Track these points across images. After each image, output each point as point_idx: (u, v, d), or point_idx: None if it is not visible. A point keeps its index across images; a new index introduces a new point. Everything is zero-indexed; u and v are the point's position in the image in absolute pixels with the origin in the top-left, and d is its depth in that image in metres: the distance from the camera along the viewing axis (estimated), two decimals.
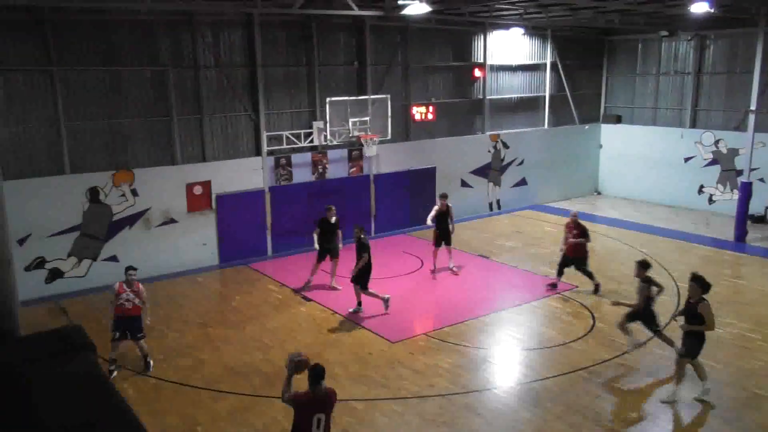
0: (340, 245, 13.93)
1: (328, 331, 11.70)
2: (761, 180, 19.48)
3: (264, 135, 16.14)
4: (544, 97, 22.41)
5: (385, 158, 18.32)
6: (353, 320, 12.15)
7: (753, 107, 17.62)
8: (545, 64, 22.16)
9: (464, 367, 10.22)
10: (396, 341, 11.20)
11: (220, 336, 11.57)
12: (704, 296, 8.94)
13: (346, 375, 9.98)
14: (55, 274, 13.82)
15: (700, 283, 8.93)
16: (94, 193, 14.09)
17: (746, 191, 17.84)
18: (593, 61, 23.70)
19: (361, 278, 12.41)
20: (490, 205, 21.47)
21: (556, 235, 18.31)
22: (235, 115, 15.92)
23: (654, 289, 10.11)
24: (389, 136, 17.67)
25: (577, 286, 13.85)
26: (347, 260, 13.51)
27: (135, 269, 10.38)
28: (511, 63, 21.26)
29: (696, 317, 8.89)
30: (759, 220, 19.40)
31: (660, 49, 22.36)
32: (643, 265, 10.21)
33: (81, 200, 13.96)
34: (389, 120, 17.52)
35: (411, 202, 19.24)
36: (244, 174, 16.06)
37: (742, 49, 20.04)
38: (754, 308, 12.62)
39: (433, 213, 14.88)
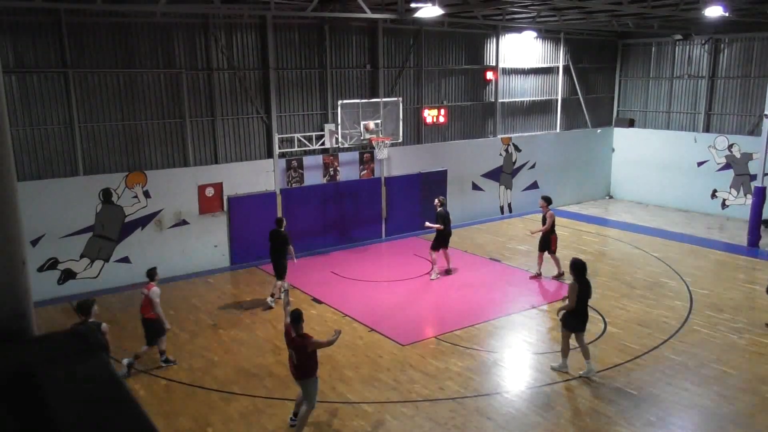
0: (294, 260, 13.20)
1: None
2: None
3: (276, 137, 16.21)
4: (557, 100, 22.34)
5: (396, 161, 18.33)
6: (364, 323, 12.15)
7: (767, 112, 17.46)
8: (558, 68, 22.09)
9: (475, 371, 10.19)
10: (407, 344, 11.19)
11: (232, 338, 11.62)
12: (579, 278, 9.90)
13: (357, 378, 9.98)
14: (68, 275, 13.93)
15: (572, 266, 10.13)
16: (107, 195, 14.20)
17: (760, 196, 17.67)
18: (606, 65, 23.60)
19: (435, 242, 14.52)
20: (502, 208, 21.42)
21: (567, 238, 18.26)
22: (248, 117, 16.00)
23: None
24: (401, 139, 17.68)
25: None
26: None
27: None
28: (524, 66, 21.21)
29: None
30: None
31: (674, 53, 22.23)
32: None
33: (94, 202, 14.08)
34: (401, 123, 17.54)
35: (422, 205, 19.22)
36: (256, 176, 16.13)
37: (757, 53, 19.89)
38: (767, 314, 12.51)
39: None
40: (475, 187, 20.52)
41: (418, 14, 14.91)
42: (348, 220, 17.72)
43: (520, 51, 20.99)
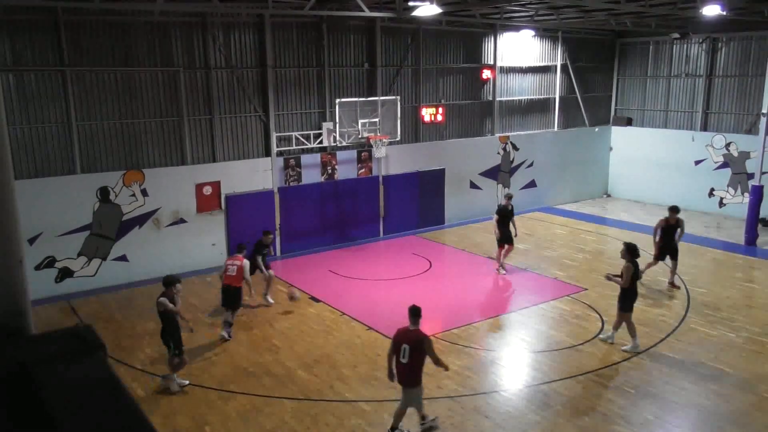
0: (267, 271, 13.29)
1: (337, 333, 11.70)
2: None
3: (273, 136, 16.19)
4: (554, 99, 22.35)
5: (394, 160, 18.33)
6: (362, 321, 12.14)
7: (765, 110, 17.48)
8: (555, 66, 22.10)
9: (473, 370, 10.19)
10: None
11: (232, 336, 11.59)
12: (634, 260, 10.57)
13: (355, 376, 9.98)
14: (65, 274, 13.90)
15: (627, 248, 10.75)
16: (104, 193, 14.18)
17: (757, 195, 17.71)
18: (604, 63, 23.61)
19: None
20: None
21: (566, 237, 18.28)
22: (246, 115, 15.97)
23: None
24: (398, 138, 17.67)
25: (586, 289, 13.79)
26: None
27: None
28: (522, 65, 21.22)
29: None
30: None
31: (671, 52, 22.25)
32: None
33: (92, 200, 14.05)
34: (399, 121, 17.53)
35: (420, 203, 19.24)
36: (254, 175, 16.11)
37: (755, 52, 19.91)
38: (766, 312, 12.52)
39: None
40: (473, 185, 20.52)
41: (416, 13, 14.89)
42: (346, 218, 17.71)
43: (518, 50, 20.98)
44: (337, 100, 16.53)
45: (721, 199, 21.22)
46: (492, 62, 20.30)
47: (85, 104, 13.87)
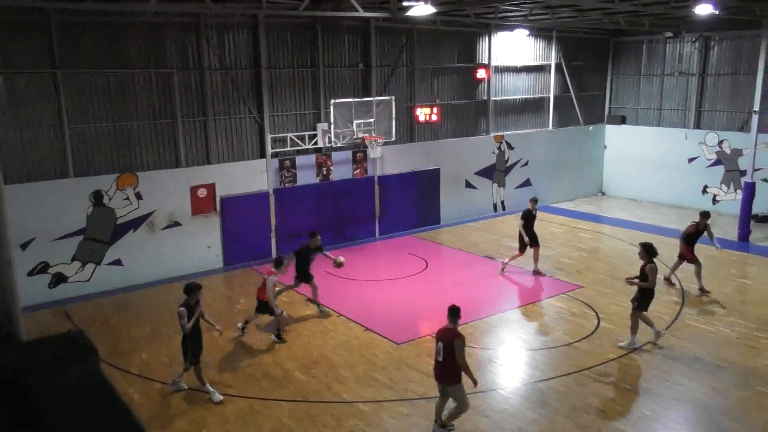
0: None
1: (334, 334, 11.68)
2: (765, 180, 19.42)
3: (268, 137, 16.16)
4: (549, 98, 22.39)
5: (389, 160, 18.32)
6: (359, 322, 12.13)
7: (756, 108, 17.58)
8: (550, 65, 22.14)
9: (471, 368, 10.17)
10: (402, 342, 11.19)
11: (227, 339, 11.56)
12: (652, 260, 10.62)
13: (353, 377, 9.97)
14: (59, 279, 13.83)
15: (646, 249, 10.76)
16: (98, 197, 14.12)
17: (750, 191, 17.79)
18: (598, 62, 23.66)
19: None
20: (495, 206, 21.45)
21: (562, 236, 18.31)
22: (240, 117, 15.94)
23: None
24: (393, 138, 17.66)
25: (582, 286, 13.82)
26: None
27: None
28: (516, 64, 21.25)
29: (644, 277, 10.66)
30: (763, 219, 19.33)
31: (665, 50, 22.32)
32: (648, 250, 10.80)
33: (85, 204, 13.99)
34: (394, 121, 17.53)
35: (416, 203, 19.24)
36: (249, 176, 16.08)
37: (747, 51, 19.99)
38: (760, 308, 12.56)
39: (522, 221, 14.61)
40: (469, 185, 20.53)
41: (410, 13, 14.91)
42: (342, 219, 17.69)
43: (513, 49, 21.01)
44: (332, 101, 16.51)
45: (715, 196, 21.30)
46: (487, 62, 20.32)
47: (78, 107, 13.81)
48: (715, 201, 21.27)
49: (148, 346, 11.33)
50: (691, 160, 21.71)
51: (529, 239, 14.43)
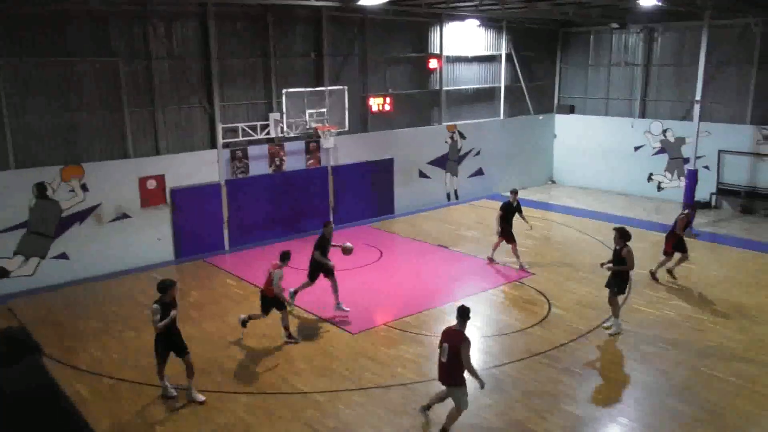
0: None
1: (290, 325, 11.59)
2: (706, 168, 20.18)
3: (219, 127, 15.87)
4: (500, 87, 22.66)
5: (343, 150, 18.25)
6: (314, 313, 12.09)
7: (698, 98, 18.20)
8: (500, 56, 22.39)
9: (426, 357, 10.29)
10: (357, 333, 11.21)
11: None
12: (627, 243, 10.76)
13: (309, 369, 9.94)
14: (1, 274, 13.31)
15: (621, 233, 10.85)
16: (41, 189, 13.61)
17: (693, 179, 18.44)
18: (547, 53, 24.07)
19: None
20: (448, 195, 21.64)
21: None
22: (189, 107, 15.59)
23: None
24: (347, 128, 17.59)
25: (534, 273, 14.10)
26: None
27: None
28: (468, 54, 21.41)
29: (621, 261, 10.78)
30: (705, 206, 20.11)
31: (611, 42, 22.87)
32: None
33: (27, 196, 13.47)
34: (347, 111, 17.44)
35: (370, 193, 19.24)
36: (199, 167, 15.77)
37: (689, 42, 20.64)
38: (704, 291, 13.07)
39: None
40: (422, 174, 20.65)
41: (362, 2, 14.85)
42: (295, 210, 17.55)
43: (464, 39, 21.16)
44: (284, 91, 16.29)
45: (660, 183, 22.02)
46: (439, 52, 20.41)
47: (19, 96, 13.25)
48: (659, 188, 21.98)
49: (97, 341, 11.03)
50: (637, 148, 22.36)
51: (501, 230, 14.45)
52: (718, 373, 9.69)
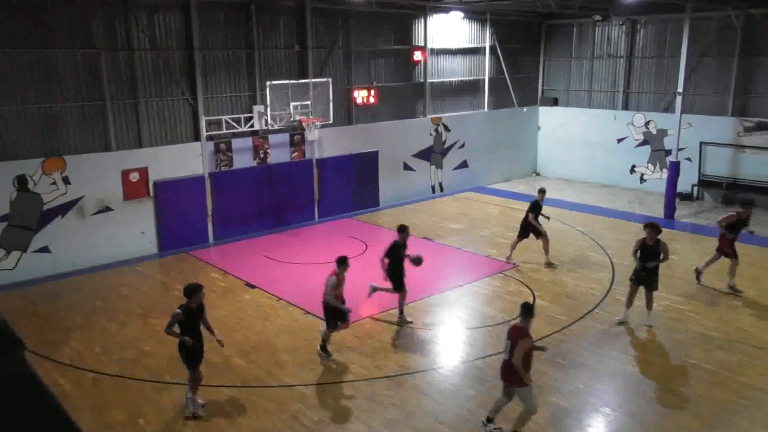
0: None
1: (274, 318, 11.61)
2: (688, 159, 20.39)
3: (203, 120, 15.76)
4: (484, 80, 22.70)
5: (327, 142, 18.20)
6: (299, 306, 12.09)
7: (680, 90, 18.36)
8: (484, 48, 22.42)
9: (410, 349, 10.34)
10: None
11: (163, 326, 11.27)
12: (659, 237, 10.79)
13: (295, 361, 9.94)
14: None
15: (656, 229, 10.85)
16: (22, 182, 13.45)
17: (675, 170, 18.64)
18: (531, 45, 24.14)
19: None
20: (433, 187, 21.69)
21: (498, 216, 18.71)
22: (173, 99, 15.46)
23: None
24: (331, 120, 17.55)
25: (517, 265, 14.18)
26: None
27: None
28: (452, 46, 21.42)
29: (657, 254, 10.77)
30: (687, 197, 20.35)
31: (594, 34, 22.98)
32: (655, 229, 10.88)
33: (8, 189, 13.30)
34: (331, 104, 17.39)
35: (355, 186, 19.23)
36: (183, 160, 15.66)
37: (671, 34, 20.80)
38: (685, 282, 13.22)
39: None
40: (407, 167, 20.67)
41: None
42: (280, 202, 17.51)
43: (448, 32, 21.16)
44: (268, 83, 16.21)
45: (642, 175, 22.22)
46: (423, 44, 20.39)
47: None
48: (642, 180, 22.19)
49: (80, 335, 10.96)
50: (620, 140, 22.53)
51: (526, 229, 14.24)
52: (699, 362, 9.84)
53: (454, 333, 11.11)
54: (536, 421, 8.27)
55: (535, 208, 14.27)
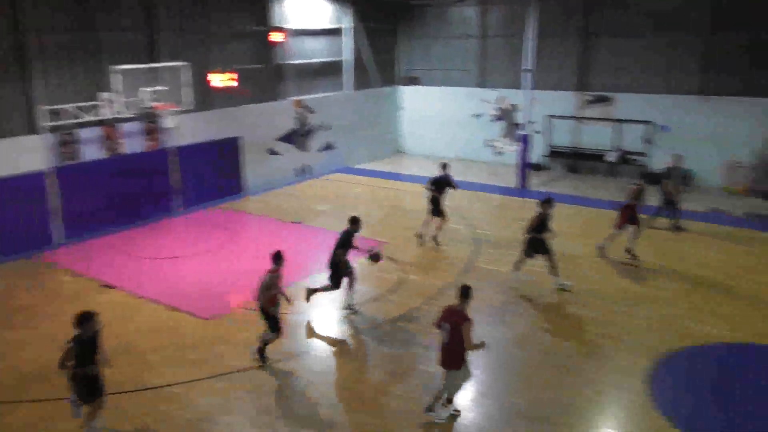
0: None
1: (137, 318, 10.95)
2: (538, 132, 21.76)
3: (39, 109, 14.39)
4: (345, 61, 22.71)
5: (186, 129, 17.34)
6: (162, 302, 11.50)
7: (528, 67, 19.47)
8: (344, 29, 22.39)
9: (285, 334, 10.20)
10: (210, 318, 10.85)
11: (8, 339, 10.28)
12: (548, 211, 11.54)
13: (163, 361, 9.46)
14: None
15: (552, 203, 11.62)
16: None
17: (526, 143, 19.82)
18: (390, 26, 24.49)
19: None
20: (299, 170, 21.48)
21: (365, 195, 18.92)
22: (1, 87, 13.96)
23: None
24: (189, 106, 16.73)
25: (387, 242, 14.43)
26: None
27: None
28: (311, 27, 21.17)
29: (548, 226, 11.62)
30: (537, 168, 21.75)
31: (449, 15, 23.73)
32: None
33: None
34: (187, 88, 16.56)
35: (218, 173, 18.56)
36: (18, 155, 14.20)
37: (517, 14, 21.93)
38: None
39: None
40: (272, 151, 20.27)
41: None
42: (136, 195, 16.48)
43: (307, 12, 20.88)
44: (116, 68, 15.08)
45: (498, 148, 23.42)
46: (281, 25, 19.97)
47: None
48: (498, 153, 23.38)
49: None
50: (476, 116, 23.55)
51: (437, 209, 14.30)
52: (553, 319, 10.60)
53: (327, 314, 11.11)
54: (409, 390, 8.50)
55: (447, 184, 14.37)
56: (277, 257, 9.14)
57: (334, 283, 10.82)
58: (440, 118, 24.29)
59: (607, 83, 20.89)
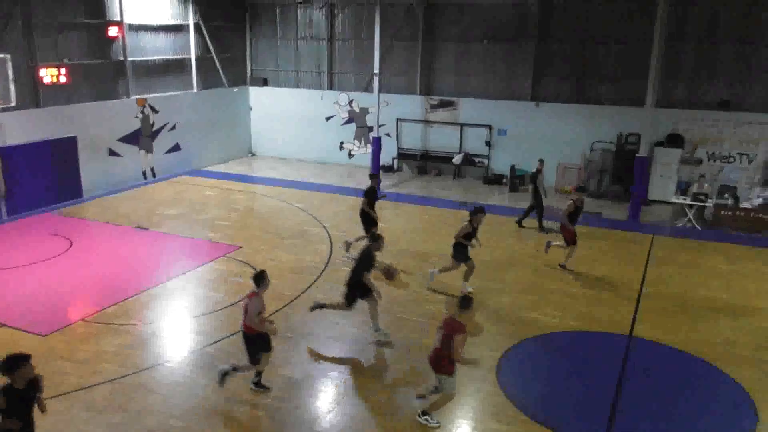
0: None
1: None
2: (388, 135, 22.46)
3: None
4: (191, 59, 21.89)
5: (12, 128, 15.79)
6: None
7: (377, 71, 20.04)
8: (189, 25, 21.58)
9: (133, 347, 9.67)
10: (49, 333, 9.98)
11: None
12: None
13: None
14: None
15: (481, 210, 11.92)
16: None
17: (377, 145, 20.38)
18: (236, 24, 23.97)
19: None
20: (144, 173, 20.37)
21: (216, 198, 18.39)
22: None
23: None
24: (14, 103, 15.22)
25: (241, 246, 14.16)
26: None
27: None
28: (153, 23, 20.15)
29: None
30: (389, 169, 22.45)
31: (296, 16, 23.73)
32: None
33: None
34: (12, 83, 15.06)
35: (51, 176, 17.08)
36: None
37: (366, 18, 22.47)
38: (393, 245, 14.44)
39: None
40: (112, 152, 19.03)
41: None
42: None
43: (147, 6, 19.84)
44: None
45: (350, 150, 23.83)
46: (119, 19, 18.79)
47: None
48: (351, 155, 23.79)
49: None
50: (328, 118, 23.78)
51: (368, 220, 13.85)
52: (410, 315, 11.03)
53: (179, 323, 10.68)
54: (272, 395, 8.44)
55: (371, 193, 13.87)
56: (259, 278, 8.32)
57: (349, 303, 10.15)
58: (291, 120, 24.22)
59: (452, 88, 22.03)
